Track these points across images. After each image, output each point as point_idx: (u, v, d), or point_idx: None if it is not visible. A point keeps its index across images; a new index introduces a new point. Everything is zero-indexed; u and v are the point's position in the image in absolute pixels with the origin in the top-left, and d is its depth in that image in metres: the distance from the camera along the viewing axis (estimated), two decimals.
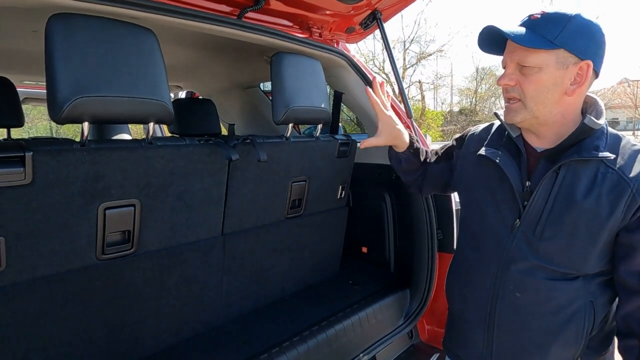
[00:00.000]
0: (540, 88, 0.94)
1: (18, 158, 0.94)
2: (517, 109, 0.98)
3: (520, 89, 0.96)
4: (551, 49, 0.91)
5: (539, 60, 0.93)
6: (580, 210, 0.93)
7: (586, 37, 0.92)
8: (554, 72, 0.93)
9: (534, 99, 0.96)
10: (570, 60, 0.92)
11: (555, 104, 0.96)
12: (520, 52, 0.94)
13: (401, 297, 1.88)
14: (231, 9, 1.48)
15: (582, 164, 0.95)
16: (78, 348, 1.19)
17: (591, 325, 0.97)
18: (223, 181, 1.40)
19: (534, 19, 0.94)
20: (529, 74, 0.94)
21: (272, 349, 1.41)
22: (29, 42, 1.78)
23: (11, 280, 1.02)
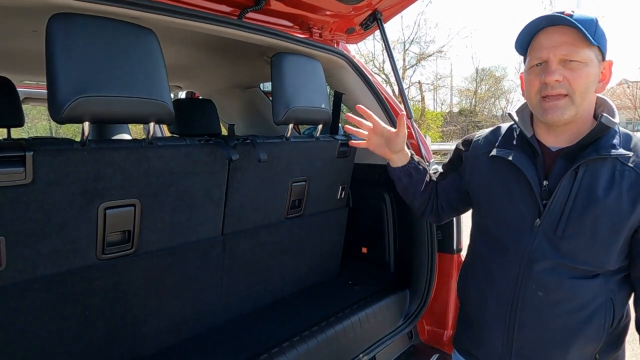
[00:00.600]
0: (589, 83, 0.94)
1: (18, 158, 0.94)
2: (565, 106, 0.95)
3: (569, 85, 0.94)
4: (594, 44, 0.92)
5: (586, 55, 0.93)
6: (602, 207, 0.93)
7: (606, 39, 0.96)
8: (595, 68, 0.94)
9: (582, 94, 0.94)
10: (599, 58, 0.95)
11: (591, 101, 0.98)
12: (567, 46, 0.93)
13: (401, 298, 1.88)
14: (231, 9, 1.48)
15: (600, 162, 0.95)
16: (78, 347, 1.19)
17: (611, 322, 0.98)
18: (223, 181, 1.40)
19: (569, 15, 0.93)
20: (576, 68, 0.93)
21: (271, 349, 1.41)
22: (29, 42, 1.78)
23: (11, 279, 1.02)
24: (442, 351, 1.86)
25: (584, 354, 1.01)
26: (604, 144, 0.95)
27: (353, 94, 1.92)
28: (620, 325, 1.03)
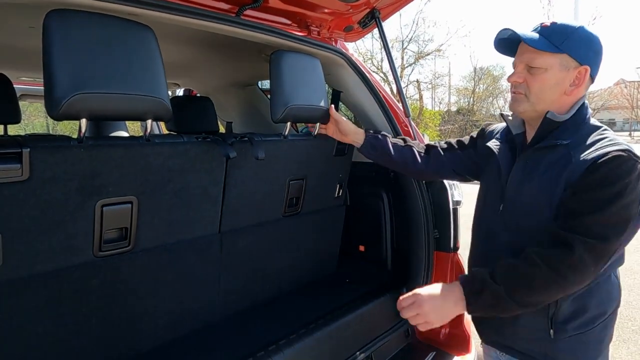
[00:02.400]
0: (544, 86, 1.09)
1: (15, 154, 0.94)
2: (520, 100, 1.13)
3: (526, 86, 1.11)
4: (556, 52, 1.06)
5: (545, 62, 1.07)
6: (533, 188, 1.09)
7: (587, 46, 1.07)
8: (557, 73, 1.08)
9: (536, 95, 1.10)
10: (572, 64, 1.07)
11: (555, 102, 1.11)
12: (529, 54, 1.09)
13: (398, 296, 1.88)
14: (230, 7, 1.48)
15: (545, 150, 1.10)
16: (75, 344, 1.19)
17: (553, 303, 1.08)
18: (221, 179, 1.40)
19: (545, 27, 1.09)
20: (535, 73, 1.09)
21: (268, 347, 1.41)
22: (26, 39, 1.77)
23: (8, 276, 1.02)
24: (439, 349, 1.87)
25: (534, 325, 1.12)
26: (552, 136, 1.10)
27: (351, 93, 1.92)
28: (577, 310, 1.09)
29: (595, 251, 0.97)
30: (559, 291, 1.01)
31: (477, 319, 1.28)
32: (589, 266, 0.98)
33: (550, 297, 1.04)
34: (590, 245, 0.97)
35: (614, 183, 0.97)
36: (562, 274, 0.98)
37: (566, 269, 0.98)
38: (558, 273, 0.98)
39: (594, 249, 0.97)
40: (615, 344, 3.05)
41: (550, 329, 1.09)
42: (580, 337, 1.09)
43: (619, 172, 0.98)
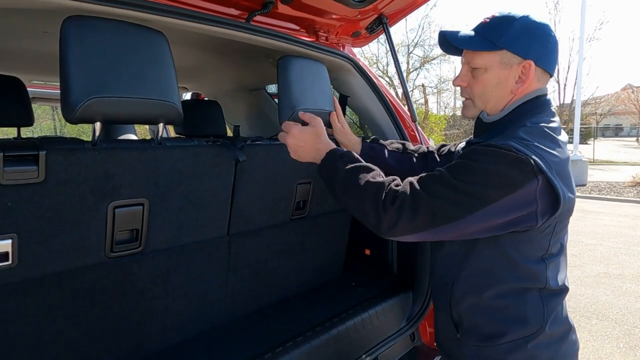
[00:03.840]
0: (486, 88, 1.03)
1: (32, 156, 0.96)
2: (468, 106, 1.10)
3: (470, 89, 1.07)
4: (494, 50, 0.98)
5: (483, 62, 1.01)
6: None
7: (529, 37, 0.98)
8: (498, 72, 1.01)
9: (480, 98, 1.06)
10: (514, 60, 0.99)
11: (501, 101, 1.04)
12: (468, 54, 1.04)
13: (404, 300, 1.89)
14: (240, 12, 1.50)
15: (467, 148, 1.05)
16: (86, 344, 1.20)
17: (453, 305, 1.09)
18: (230, 182, 1.42)
19: (483, 23, 1.02)
20: (477, 75, 1.03)
21: (275, 349, 1.42)
22: (40, 43, 1.81)
23: (22, 276, 1.04)
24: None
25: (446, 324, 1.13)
26: (480, 135, 1.07)
27: (358, 97, 1.93)
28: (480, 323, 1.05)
29: (417, 196, 0.91)
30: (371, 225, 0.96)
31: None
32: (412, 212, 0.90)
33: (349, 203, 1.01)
34: (413, 187, 0.93)
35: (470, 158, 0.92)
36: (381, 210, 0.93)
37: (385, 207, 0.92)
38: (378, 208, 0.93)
39: (415, 192, 0.92)
40: (623, 351, 3.03)
41: (457, 333, 1.09)
42: (483, 350, 1.04)
43: (478, 153, 0.92)
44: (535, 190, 0.88)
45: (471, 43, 1.00)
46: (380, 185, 0.96)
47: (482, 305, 1.04)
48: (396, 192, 0.94)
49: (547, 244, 1.00)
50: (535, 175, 0.87)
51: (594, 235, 6.28)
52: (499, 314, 1.03)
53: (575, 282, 4.37)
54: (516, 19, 0.98)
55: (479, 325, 1.06)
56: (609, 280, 4.43)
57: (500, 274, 1.01)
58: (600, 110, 28.80)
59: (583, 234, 6.36)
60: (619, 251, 5.45)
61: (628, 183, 11.07)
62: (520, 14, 0.99)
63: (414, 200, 0.91)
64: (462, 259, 1.06)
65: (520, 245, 0.98)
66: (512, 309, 1.02)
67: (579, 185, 11.45)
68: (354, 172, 1.02)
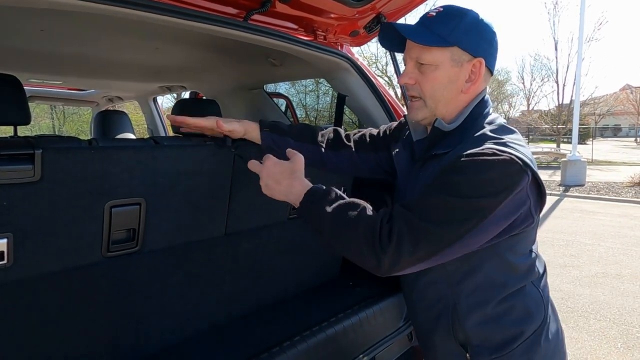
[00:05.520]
0: (437, 86, 0.96)
1: (27, 155, 0.96)
2: (418, 107, 1.00)
3: (420, 87, 0.98)
4: (445, 46, 0.93)
5: (434, 58, 0.94)
6: None
7: (477, 34, 0.94)
8: (449, 69, 0.95)
9: (432, 97, 0.98)
10: (464, 57, 0.94)
11: (451, 102, 0.99)
12: (417, 50, 0.96)
13: (401, 300, 1.89)
14: (237, 11, 1.50)
15: (431, 160, 1.00)
16: (82, 344, 1.20)
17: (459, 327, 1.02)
18: (227, 181, 1.42)
19: (430, 17, 0.95)
20: (426, 71, 0.96)
21: (272, 348, 1.42)
22: (36, 41, 1.80)
23: (18, 276, 1.03)
24: None
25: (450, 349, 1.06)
26: (440, 145, 0.99)
27: (356, 97, 1.93)
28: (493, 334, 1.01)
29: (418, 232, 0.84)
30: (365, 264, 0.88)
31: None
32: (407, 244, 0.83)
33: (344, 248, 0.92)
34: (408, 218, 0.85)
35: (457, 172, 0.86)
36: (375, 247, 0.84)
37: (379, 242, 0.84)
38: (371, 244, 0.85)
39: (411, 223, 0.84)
40: (620, 351, 3.04)
41: (467, 353, 1.02)
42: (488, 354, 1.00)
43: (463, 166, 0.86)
44: (526, 186, 0.87)
45: (423, 37, 0.93)
46: (372, 223, 0.87)
47: (489, 316, 1.00)
48: (390, 227, 0.85)
49: (534, 236, 1.01)
50: (525, 172, 0.86)
51: (592, 236, 6.29)
52: (507, 317, 1.00)
53: (573, 282, 4.38)
54: (466, 15, 0.94)
55: (490, 337, 1.01)
56: (607, 280, 4.44)
57: (501, 280, 0.99)
58: (599, 110, 28.84)
59: (581, 234, 6.37)
60: (617, 251, 5.46)
61: (626, 183, 11.09)
62: (467, 10, 0.95)
63: (411, 232, 0.84)
64: (461, 279, 1.00)
65: (516, 246, 0.98)
66: (518, 308, 1.00)
67: (578, 185, 11.47)
68: (340, 213, 0.91)
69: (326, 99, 17.76)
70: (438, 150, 0.98)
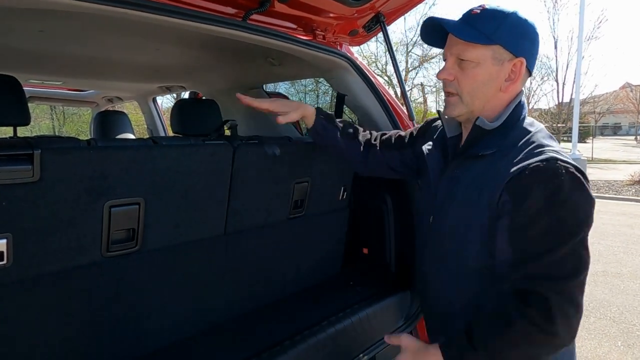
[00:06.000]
0: (476, 83, 0.96)
1: (26, 156, 0.96)
2: (454, 103, 1.00)
3: (457, 84, 0.98)
4: (488, 44, 0.93)
5: (476, 55, 0.94)
6: (458, 201, 0.99)
7: (521, 34, 0.94)
8: (490, 67, 0.95)
9: (470, 94, 0.97)
10: (505, 56, 0.94)
11: (490, 100, 0.98)
12: (459, 46, 0.96)
13: (402, 299, 1.89)
14: (236, 11, 1.50)
15: (473, 160, 0.99)
16: (82, 344, 1.20)
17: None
18: (226, 181, 1.42)
19: (474, 14, 0.95)
20: (466, 68, 0.96)
21: (273, 347, 1.42)
22: (35, 42, 1.80)
23: (18, 276, 1.03)
24: None
25: None
26: (481, 143, 0.98)
27: (355, 96, 1.93)
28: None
29: (570, 290, 0.85)
30: (556, 347, 0.89)
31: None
32: (572, 307, 0.85)
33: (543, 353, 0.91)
34: (562, 287, 0.85)
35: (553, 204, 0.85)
36: (551, 330, 0.84)
37: (551, 324, 0.83)
38: (547, 331, 0.84)
39: (568, 289, 0.85)
40: (621, 349, 3.04)
41: None
42: None
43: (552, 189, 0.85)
44: None
45: (466, 33, 0.93)
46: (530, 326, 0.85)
47: None
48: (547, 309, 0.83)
49: None
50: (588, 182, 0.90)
51: (592, 234, 6.19)
52: None
53: None
54: (509, 14, 0.94)
55: None
56: (607, 278, 4.44)
57: None
58: (599, 109, 28.82)
59: None
60: (617, 249, 5.46)
61: (626, 182, 11.08)
62: (510, 10, 0.95)
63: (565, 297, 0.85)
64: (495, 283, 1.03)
65: None
66: None
67: None
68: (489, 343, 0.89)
69: (326, 98, 17.78)
70: (483, 151, 0.97)
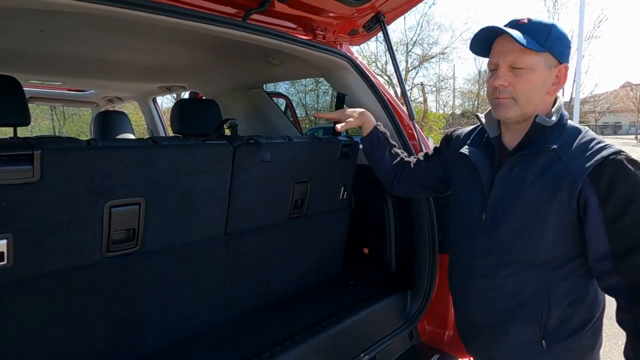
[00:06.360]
0: (532, 88, 1.03)
1: (26, 156, 0.96)
2: (508, 105, 1.06)
3: (513, 89, 1.04)
4: (541, 51, 1.01)
5: (531, 62, 1.02)
6: (526, 196, 1.03)
7: (564, 43, 1.05)
8: (543, 72, 1.03)
9: (525, 98, 1.04)
10: (552, 63, 1.04)
11: (541, 102, 1.07)
12: (514, 53, 1.02)
13: (402, 298, 1.89)
14: (236, 11, 1.50)
15: (532, 157, 1.05)
16: (82, 344, 1.20)
17: (546, 312, 1.05)
18: (227, 181, 1.42)
19: (523, 24, 1.03)
20: (521, 74, 1.03)
21: (273, 347, 1.42)
22: (35, 43, 1.80)
23: (18, 276, 1.03)
24: (443, 352, 1.87)
25: (526, 337, 1.09)
26: (537, 140, 1.05)
27: (356, 95, 1.93)
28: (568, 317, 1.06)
29: None
30: None
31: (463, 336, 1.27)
32: None
33: None
34: None
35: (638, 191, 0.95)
36: None
37: None
38: None
39: None
40: (621, 348, 3.03)
41: (542, 340, 1.06)
42: (571, 345, 1.06)
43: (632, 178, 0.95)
44: None
45: (527, 41, 1.00)
46: None
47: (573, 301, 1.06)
48: None
49: None
50: None
51: None
52: (584, 302, 1.07)
53: None
54: (552, 25, 1.03)
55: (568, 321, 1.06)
56: None
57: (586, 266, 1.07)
58: (599, 108, 28.80)
59: None
60: None
61: None
62: (550, 21, 1.05)
63: None
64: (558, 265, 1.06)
65: None
66: (591, 293, 1.08)
67: None
68: None
69: (326, 98, 17.77)
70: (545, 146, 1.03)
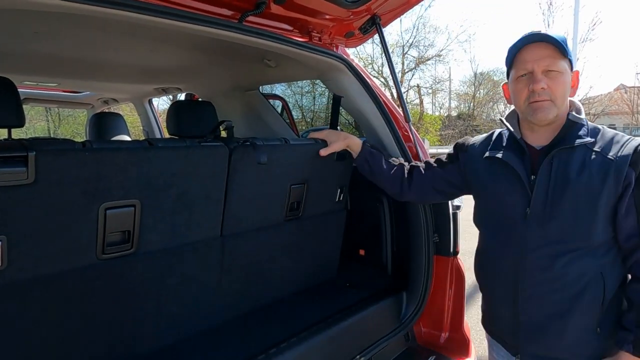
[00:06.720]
0: (565, 89, 1.15)
1: (21, 158, 0.95)
2: (549, 107, 1.14)
3: (550, 91, 1.13)
4: (566, 57, 1.14)
5: (562, 66, 1.13)
6: (576, 187, 1.10)
7: (572, 53, 1.17)
8: (569, 75, 1.15)
9: (562, 99, 1.15)
10: (569, 67, 1.16)
11: (567, 104, 1.18)
12: (549, 59, 1.13)
13: (398, 300, 1.90)
14: (232, 13, 1.50)
15: (569, 151, 1.13)
16: (78, 347, 1.19)
17: (602, 295, 1.11)
18: (222, 183, 1.41)
19: (545, 33, 1.13)
20: (555, 77, 1.13)
21: (269, 350, 1.41)
22: (30, 44, 1.79)
23: (11, 278, 1.03)
24: (439, 353, 1.87)
25: (583, 325, 1.14)
26: (572, 136, 1.14)
27: (352, 98, 1.93)
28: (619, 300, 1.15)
29: None
30: None
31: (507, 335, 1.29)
32: None
33: None
34: None
35: None
36: None
37: None
38: None
39: None
40: None
41: (597, 327, 1.13)
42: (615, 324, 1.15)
43: None
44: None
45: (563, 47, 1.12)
46: None
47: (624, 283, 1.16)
48: None
49: None
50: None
51: None
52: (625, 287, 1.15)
53: None
54: (564, 37, 1.14)
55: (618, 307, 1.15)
56: None
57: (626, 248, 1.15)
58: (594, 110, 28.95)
59: None
60: None
61: None
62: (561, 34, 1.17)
63: None
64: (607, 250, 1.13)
65: None
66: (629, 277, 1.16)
67: None
68: None
69: (322, 100, 17.78)
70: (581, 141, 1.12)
